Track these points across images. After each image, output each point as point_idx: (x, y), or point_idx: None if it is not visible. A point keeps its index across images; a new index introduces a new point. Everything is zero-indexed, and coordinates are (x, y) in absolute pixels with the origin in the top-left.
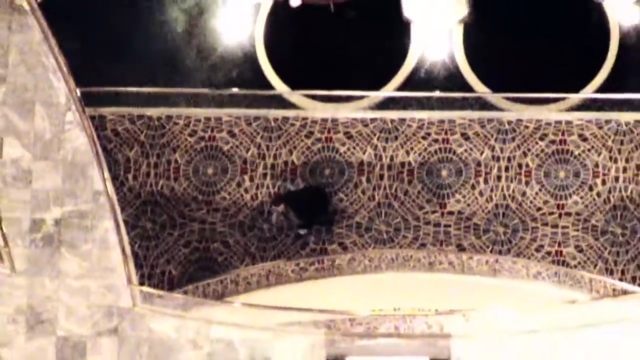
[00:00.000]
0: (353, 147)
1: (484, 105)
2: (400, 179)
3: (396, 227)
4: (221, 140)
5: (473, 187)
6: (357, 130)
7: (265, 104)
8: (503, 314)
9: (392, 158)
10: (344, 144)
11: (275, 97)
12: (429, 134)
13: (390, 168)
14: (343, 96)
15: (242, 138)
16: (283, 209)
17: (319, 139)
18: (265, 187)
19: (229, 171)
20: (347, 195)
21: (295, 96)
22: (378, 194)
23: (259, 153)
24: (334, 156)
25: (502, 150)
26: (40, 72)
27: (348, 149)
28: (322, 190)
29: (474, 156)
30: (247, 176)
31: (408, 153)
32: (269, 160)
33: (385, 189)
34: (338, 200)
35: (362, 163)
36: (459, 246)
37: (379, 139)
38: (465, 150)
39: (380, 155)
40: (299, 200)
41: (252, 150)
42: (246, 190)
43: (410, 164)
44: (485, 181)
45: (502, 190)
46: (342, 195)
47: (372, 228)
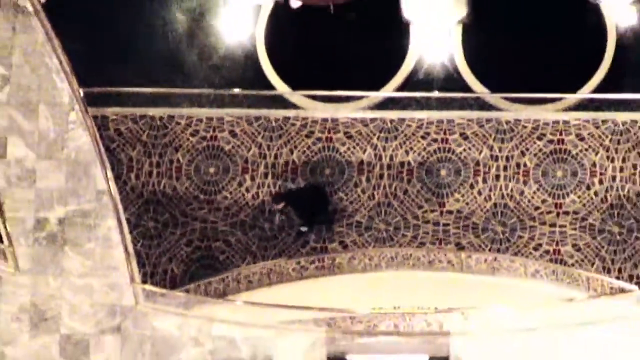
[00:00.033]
0: (353, 146)
1: (482, 105)
2: (399, 178)
3: (396, 226)
4: (222, 140)
5: (472, 187)
6: (357, 130)
7: (266, 104)
8: (501, 312)
9: (392, 157)
10: (344, 143)
11: (276, 98)
12: (428, 134)
13: (389, 167)
14: (343, 96)
15: (243, 138)
16: (283, 207)
17: (319, 139)
18: (266, 187)
19: (230, 170)
20: (347, 195)
21: (296, 96)
22: (378, 193)
23: (260, 153)
24: (334, 156)
25: (500, 149)
26: (44, 73)
27: (348, 149)
28: (322, 189)
29: (472, 156)
30: (248, 175)
31: (407, 153)
32: (270, 160)
33: (385, 188)
34: (338, 199)
35: (362, 162)
36: (457, 245)
37: (378, 138)
38: (464, 149)
39: (380, 155)
40: (299, 199)
41: (253, 149)
42: (247, 190)
43: (410, 163)
44: (484, 180)
45: (501, 189)
46: (342, 194)
47: (372, 227)
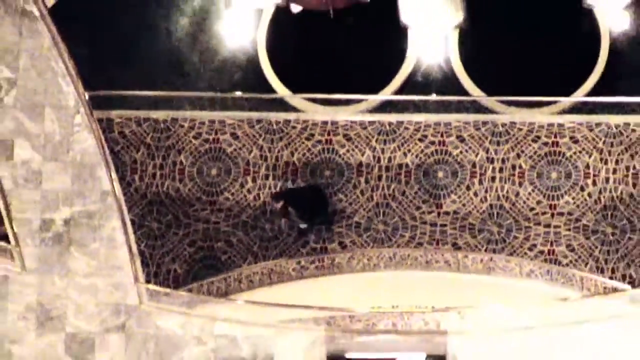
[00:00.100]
0: (352, 149)
1: (479, 108)
2: (397, 180)
3: (394, 226)
4: (225, 142)
5: (468, 188)
6: (356, 133)
7: (267, 107)
8: (497, 311)
9: (390, 160)
10: (343, 145)
11: (277, 101)
12: (426, 136)
13: (388, 169)
14: (342, 99)
15: (245, 140)
16: (283, 206)
17: (319, 141)
18: (267, 188)
19: (232, 172)
20: (347, 196)
21: (297, 99)
22: (376, 194)
23: (261, 155)
24: (333, 158)
25: (496, 152)
26: (50, 77)
27: (347, 151)
28: (321, 190)
29: (469, 158)
30: (249, 177)
31: (405, 155)
32: (271, 162)
33: (384, 189)
34: (337, 200)
35: (360, 164)
36: (454, 245)
37: (377, 141)
38: (461, 152)
39: (379, 157)
40: (298, 198)
41: (254, 152)
42: (249, 191)
43: (408, 165)
44: (480, 182)
45: (496, 190)
46: (341, 195)
47: (370, 227)
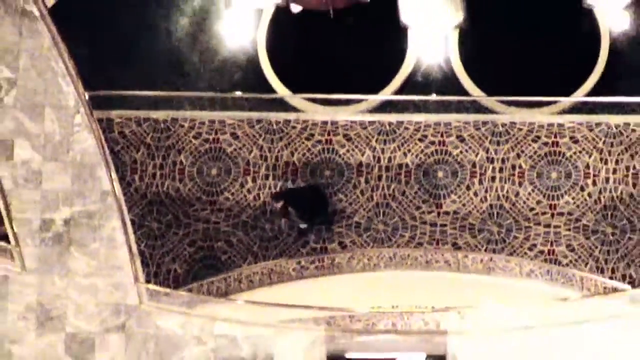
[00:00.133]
0: (352, 149)
1: (478, 108)
2: (397, 180)
3: (394, 226)
4: (225, 142)
5: (468, 188)
6: (356, 133)
7: (267, 107)
8: (497, 310)
9: (390, 160)
10: (343, 145)
11: (277, 101)
12: (426, 136)
13: (388, 169)
14: (342, 99)
15: (244, 140)
16: (282, 205)
17: (319, 141)
18: (267, 188)
19: (232, 172)
20: (347, 196)
21: (296, 99)
22: (376, 194)
23: (261, 155)
24: (333, 158)
25: (496, 152)
26: (50, 77)
27: (347, 151)
28: (321, 190)
29: (469, 158)
30: (249, 177)
31: (405, 155)
32: (271, 162)
33: (384, 189)
34: (337, 200)
35: (360, 164)
36: (454, 245)
37: (377, 141)
38: (461, 152)
39: (379, 157)
40: (298, 197)
41: (254, 152)
42: (249, 191)
43: (408, 165)
44: (480, 182)
45: (496, 190)
46: (341, 195)
47: (370, 227)
